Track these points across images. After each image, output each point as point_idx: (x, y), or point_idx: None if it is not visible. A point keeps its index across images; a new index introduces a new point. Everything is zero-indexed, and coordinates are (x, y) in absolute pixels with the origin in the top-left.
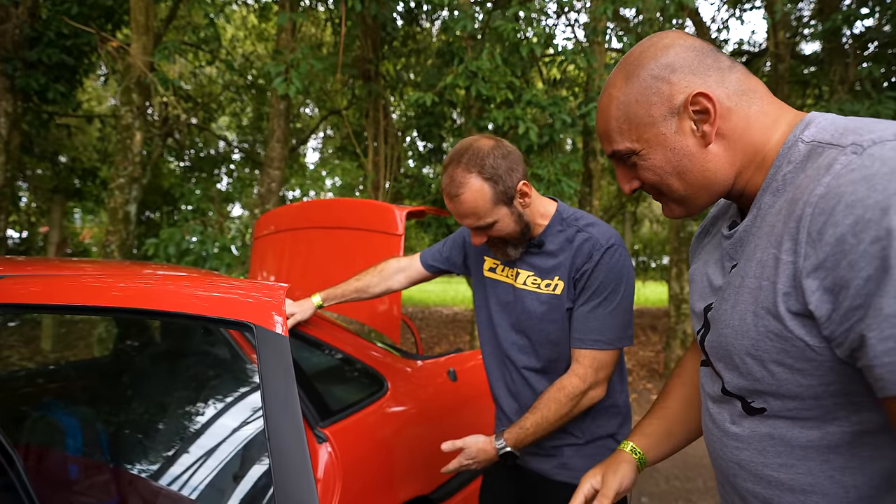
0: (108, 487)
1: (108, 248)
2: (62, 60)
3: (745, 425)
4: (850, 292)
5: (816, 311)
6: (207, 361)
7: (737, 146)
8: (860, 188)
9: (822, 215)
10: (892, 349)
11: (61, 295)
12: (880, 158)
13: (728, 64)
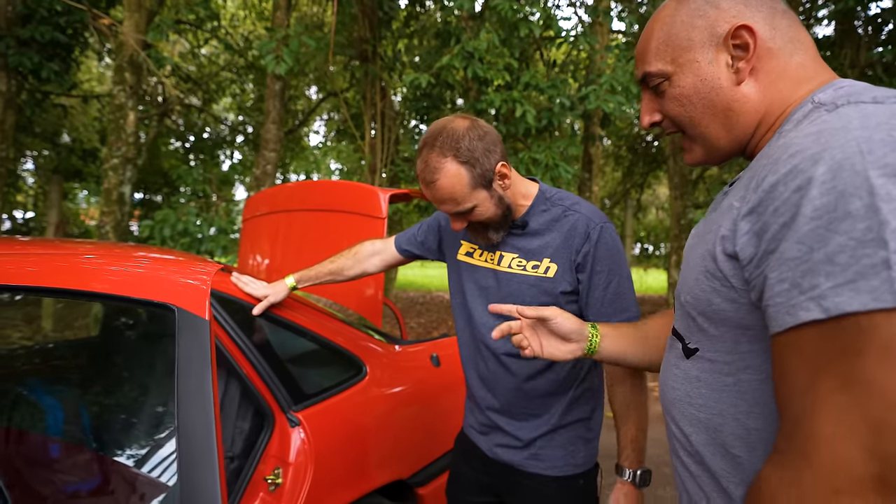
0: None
1: (102, 230)
2: (55, 38)
3: (682, 367)
4: (767, 236)
5: (741, 254)
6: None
7: (766, 91)
8: (807, 141)
9: (771, 165)
10: (784, 290)
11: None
12: (843, 116)
13: (783, 8)
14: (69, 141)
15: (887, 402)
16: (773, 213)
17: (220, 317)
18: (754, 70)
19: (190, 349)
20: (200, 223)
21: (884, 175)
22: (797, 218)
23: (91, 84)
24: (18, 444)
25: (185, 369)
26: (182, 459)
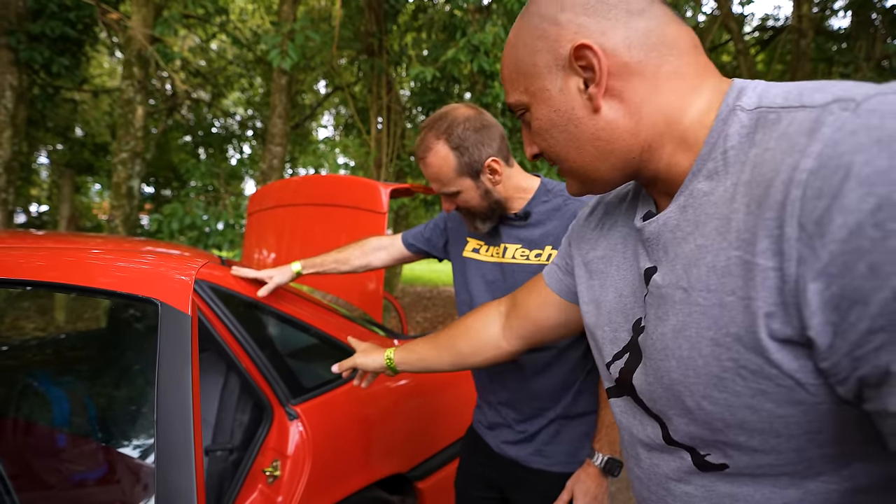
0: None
1: (112, 223)
2: (65, 33)
3: (698, 483)
4: (869, 310)
5: (818, 338)
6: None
7: (640, 112)
8: (876, 156)
9: (820, 199)
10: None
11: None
12: (890, 113)
13: (641, 6)
14: (81, 135)
15: None
16: (869, 274)
17: (218, 310)
18: (613, 91)
19: (171, 344)
20: (208, 217)
21: None
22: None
23: (103, 79)
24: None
25: (166, 364)
26: (160, 454)
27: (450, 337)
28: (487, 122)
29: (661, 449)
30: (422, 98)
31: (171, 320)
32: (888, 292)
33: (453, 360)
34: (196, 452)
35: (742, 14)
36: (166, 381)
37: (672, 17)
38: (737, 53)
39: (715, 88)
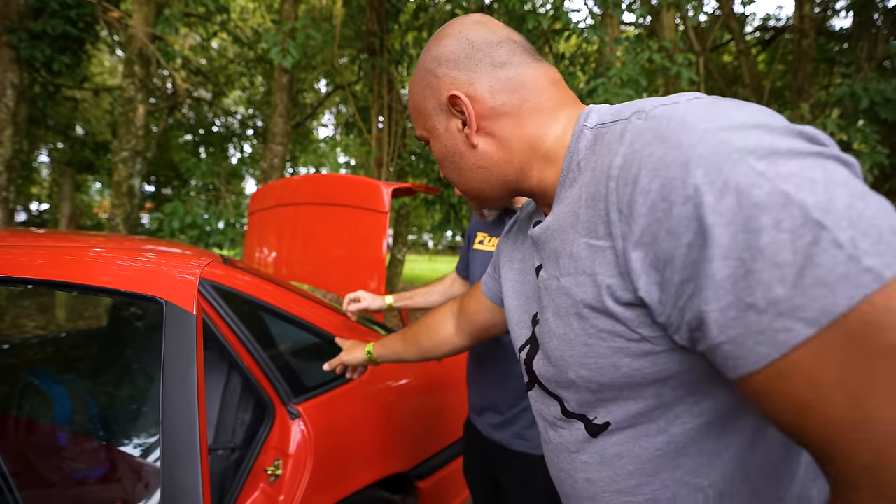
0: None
1: (112, 222)
2: (66, 31)
3: (592, 451)
4: (676, 265)
5: (647, 297)
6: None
7: (510, 143)
8: (657, 148)
9: (626, 186)
10: (736, 319)
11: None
12: (665, 116)
13: (504, 59)
14: (82, 134)
15: None
16: (668, 237)
17: (221, 309)
18: (486, 130)
19: (176, 343)
20: (209, 216)
21: (761, 158)
22: (709, 231)
23: (104, 77)
24: (26, 432)
25: (171, 363)
26: (165, 453)
27: (415, 334)
28: None
29: (561, 424)
30: None
31: (176, 319)
32: (684, 248)
33: (419, 354)
34: (201, 452)
35: (743, 14)
36: (171, 381)
37: (532, 63)
38: (738, 54)
39: (571, 115)
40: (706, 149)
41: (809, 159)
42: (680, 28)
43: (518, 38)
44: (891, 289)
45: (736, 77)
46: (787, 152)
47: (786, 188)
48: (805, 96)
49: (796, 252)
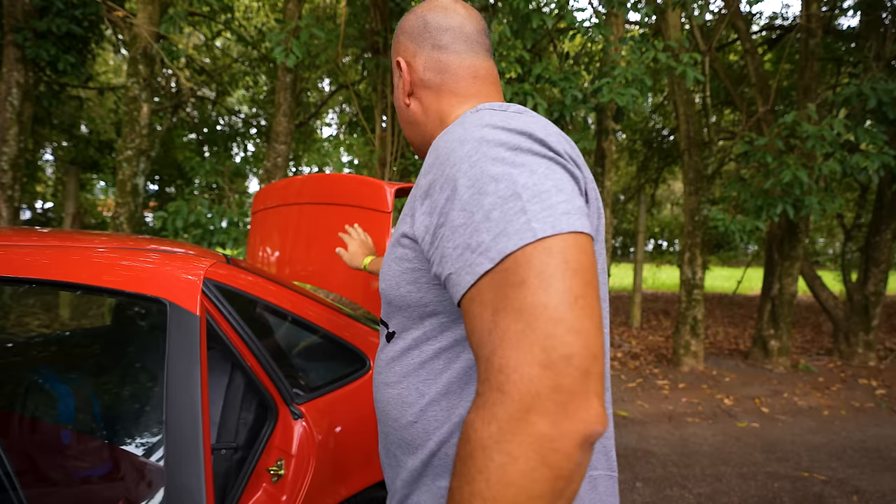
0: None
1: (117, 221)
2: (71, 30)
3: (383, 355)
4: (437, 211)
5: (418, 234)
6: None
7: (429, 112)
8: (449, 135)
9: (424, 175)
10: (459, 255)
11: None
12: (468, 116)
13: (443, 44)
14: (86, 132)
15: (550, 317)
16: (439, 190)
17: (224, 309)
18: (414, 94)
19: (179, 344)
20: (212, 215)
21: (509, 149)
22: (457, 190)
23: (108, 76)
24: (30, 431)
25: (174, 364)
26: (168, 453)
27: None
28: None
29: (381, 328)
30: None
31: (179, 320)
32: (443, 200)
33: None
34: (205, 452)
35: (750, 13)
36: (175, 382)
37: (466, 54)
38: (744, 53)
39: (474, 105)
40: (473, 134)
41: (526, 155)
42: (685, 27)
43: (472, 30)
44: (539, 243)
45: (742, 76)
46: (517, 147)
47: (512, 171)
48: (812, 96)
49: (504, 210)
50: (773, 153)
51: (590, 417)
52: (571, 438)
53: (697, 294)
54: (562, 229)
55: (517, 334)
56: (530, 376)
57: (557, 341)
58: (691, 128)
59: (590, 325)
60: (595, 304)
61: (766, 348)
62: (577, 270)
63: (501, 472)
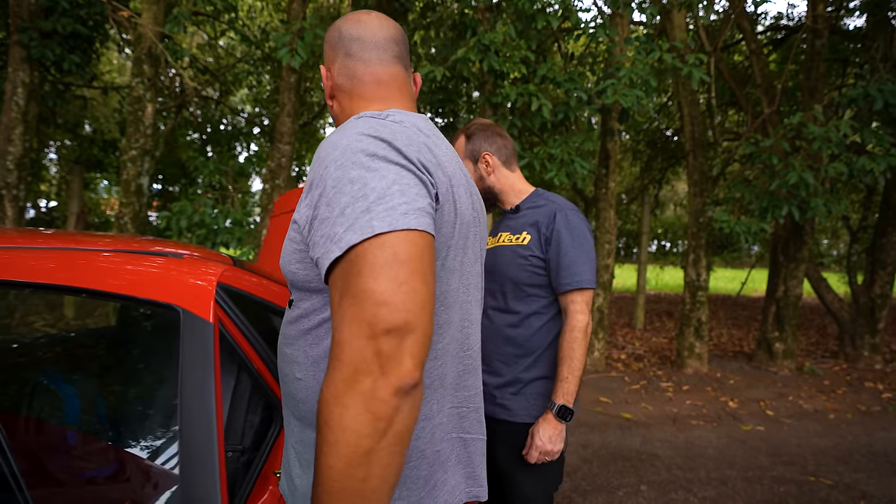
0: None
1: (121, 220)
2: (76, 30)
3: (285, 319)
4: (312, 204)
5: (300, 221)
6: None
7: (344, 112)
8: (329, 135)
9: (315, 154)
10: (322, 243)
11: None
12: (355, 118)
13: (352, 52)
14: (90, 132)
15: (375, 301)
16: (315, 188)
17: (231, 312)
18: (335, 97)
19: (193, 352)
20: (216, 215)
21: (367, 155)
22: (325, 188)
23: (112, 75)
24: (35, 432)
25: (189, 372)
26: (183, 462)
27: None
28: (497, 131)
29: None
30: (431, 97)
31: (193, 328)
32: (317, 196)
33: None
34: (220, 461)
35: (755, 13)
36: (189, 391)
37: (373, 62)
38: (749, 53)
39: (378, 108)
40: (346, 140)
41: (381, 162)
42: (690, 28)
43: (382, 39)
44: (376, 239)
45: (747, 77)
46: (374, 155)
47: (366, 175)
48: (818, 97)
49: (354, 209)
50: (779, 154)
51: (402, 374)
52: (387, 390)
53: (702, 296)
54: (397, 227)
55: (351, 315)
56: (359, 347)
57: (380, 318)
58: (696, 129)
59: (411, 305)
60: (420, 287)
61: (771, 351)
62: (405, 262)
63: (339, 419)
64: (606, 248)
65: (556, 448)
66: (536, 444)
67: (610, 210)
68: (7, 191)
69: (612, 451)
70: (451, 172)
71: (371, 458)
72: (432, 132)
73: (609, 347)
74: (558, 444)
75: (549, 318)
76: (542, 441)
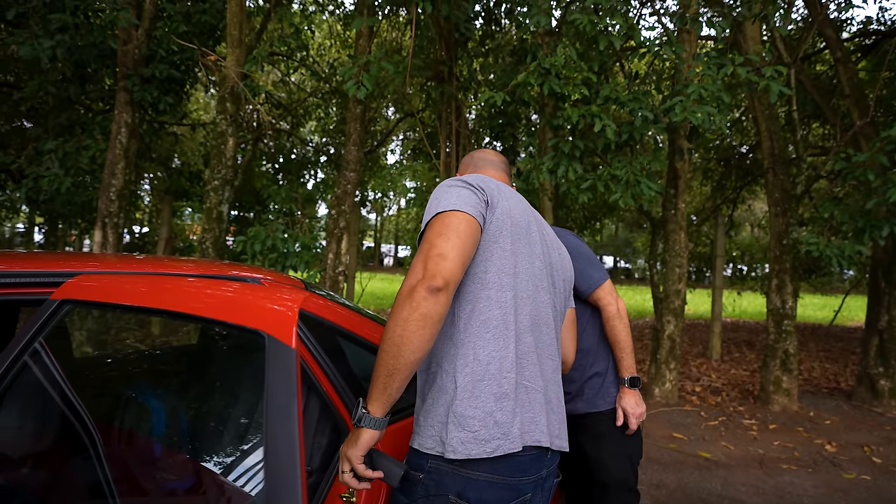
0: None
1: (203, 245)
2: (171, 75)
3: None
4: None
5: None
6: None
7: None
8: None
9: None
10: (426, 216)
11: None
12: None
13: (479, 165)
14: (179, 164)
15: (430, 248)
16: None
17: (304, 335)
18: None
19: (278, 378)
20: (286, 239)
21: (447, 186)
22: (428, 204)
23: (198, 113)
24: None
25: (273, 398)
26: (269, 487)
27: None
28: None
29: None
30: (490, 122)
31: (277, 353)
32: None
33: None
34: (302, 486)
35: (839, 19)
36: (274, 416)
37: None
38: (834, 62)
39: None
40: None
41: (455, 185)
42: (765, 39)
43: (494, 160)
44: (440, 215)
45: (832, 87)
46: (451, 185)
47: (447, 189)
48: None
49: (434, 206)
50: (876, 170)
51: (432, 284)
52: (423, 290)
53: (788, 325)
54: (447, 208)
55: (420, 253)
56: (417, 272)
57: (430, 261)
58: (775, 144)
59: (447, 252)
60: (456, 241)
61: (875, 388)
62: (448, 226)
63: (398, 309)
64: (677, 273)
65: (642, 408)
66: (629, 412)
67: (680, 232)
68: (109, 219)
69: (689, 493)
70: (507, 196)
71: (407, 325)
72: (499, 184)
73: (682, 378)
74: (642, 406)
75: (588, 317)
76: (631, 407)
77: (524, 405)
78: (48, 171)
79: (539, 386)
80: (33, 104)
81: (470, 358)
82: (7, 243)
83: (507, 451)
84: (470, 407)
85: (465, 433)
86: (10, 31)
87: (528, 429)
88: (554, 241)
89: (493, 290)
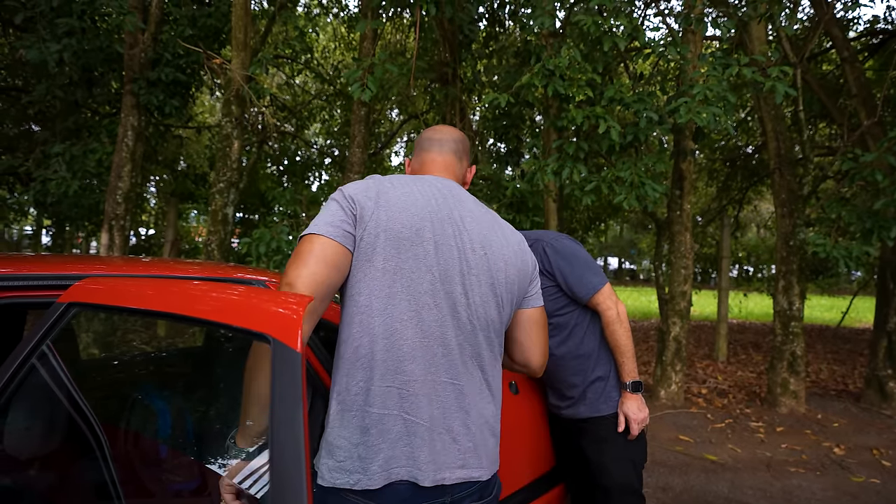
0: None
1: (209, 247)
2: (177, 78)
3: None
4: None
5: None
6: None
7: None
8: None
9: None
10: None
11: (91, 295)
12: None
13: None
14: (184, 167)
15: (283, 276)
16: None
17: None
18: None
19: (283, 382)
20: (291, 241)
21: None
22: None
23: (203, 116)
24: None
25: (279, 402)
26: (274, 493)
27: None
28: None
29: None
30: (494, 123)
31: (283, 357)
32: None
33: None
34: (307, 492)
35: (846, 18)
36: (279, 421)
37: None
38: (841, 62)
39: None
40: None
41: (330, 199)
42: (771, 39)
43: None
44: (304, 238)
45: (838, 87)
46: (332, 197)
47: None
48: None
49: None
50: (884, 170)
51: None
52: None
53: (795, 326)
54: (308, 230)
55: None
56: (281, 283)
57: (281, 289)
58: (782, 144)
59: (294, 281)
60: (304, 270)
61: (884, 391)
62: (301, 253)
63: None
64: (683, 274)
65: (645, 413)
66: (631, 417)
67: (685, 233)
68: (116, 221)
69: (696, 496)
70: (392, 202)
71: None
72: (387, 187)
73: (688, 380)
74: (644, 410)
75: (588, 322)
76: (633, 412)
77: (394, 440)
78: (56, 174)
79: (424, 418)
80: (41, 108)
81: (342, 386)
82: (15, 246)
83: (365, 487)
84: (338, 437)
85: (332, 461)
86: (18, 36)
87: (396, 464)
88: (483, 240)
89: (364, 315)
